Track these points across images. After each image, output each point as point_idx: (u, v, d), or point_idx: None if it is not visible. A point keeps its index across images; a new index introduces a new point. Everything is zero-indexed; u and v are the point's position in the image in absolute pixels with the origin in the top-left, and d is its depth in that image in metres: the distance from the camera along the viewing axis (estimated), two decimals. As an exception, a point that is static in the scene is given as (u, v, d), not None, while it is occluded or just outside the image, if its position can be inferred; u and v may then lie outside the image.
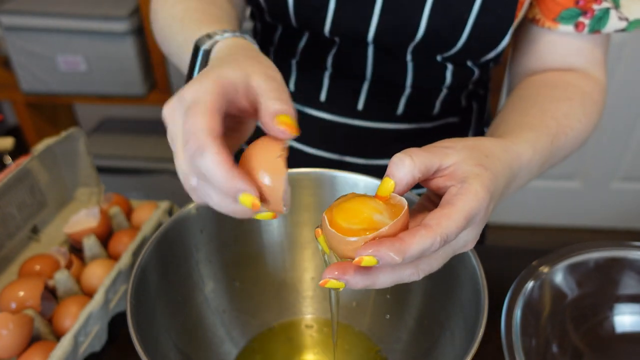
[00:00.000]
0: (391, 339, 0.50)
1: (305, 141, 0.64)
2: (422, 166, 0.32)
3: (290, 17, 0.55)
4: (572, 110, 0.48)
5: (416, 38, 0.53)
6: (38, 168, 0.61)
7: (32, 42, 1.35)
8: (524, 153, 0.40)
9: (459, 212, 0.31)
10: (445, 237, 0.30)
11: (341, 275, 0.30)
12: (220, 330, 0.50)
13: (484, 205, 0.32)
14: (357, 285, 0.31)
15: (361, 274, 0.30)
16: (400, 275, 0.31)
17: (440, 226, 0.30)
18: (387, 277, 0.31)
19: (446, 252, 0.33)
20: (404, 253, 0.29)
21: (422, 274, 0.32)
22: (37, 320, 0.48)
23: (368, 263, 0.29)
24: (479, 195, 0.32)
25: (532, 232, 1.89)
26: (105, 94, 1.44)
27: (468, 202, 0.31)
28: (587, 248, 0.47)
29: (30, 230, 0.61)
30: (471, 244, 0.34)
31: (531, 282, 0.44)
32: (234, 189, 0.29)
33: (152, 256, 0.43)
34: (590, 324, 0.48)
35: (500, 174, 0.35)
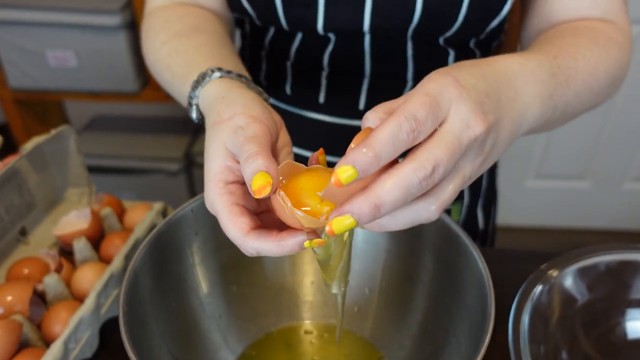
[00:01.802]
0: (394, 345, 0.50)
1: (306, 146, 0.64)
2: (385, 107, 0.32)
3: (280, 19, 0.55)
4: (579, 41, 0.46)
5: (414, 19, 0.52)
6: (27, 168, 0.61)
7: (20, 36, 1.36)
8: (503, 58, 0.37)
9: (414, 94, 0.29)
10: (408, 114, 0.28)
11: (340, 210, 0.29)
12: (216, 336, 0.50)
13: (447, 82, 0.30)
14: (362, 210, 0.28)
15: (358, 197, 0.29)
16: (401, 174, 0.28)
17: (399, 109, 0.29)
18: (388, 184, 0.28)
19: (447, 140, 0.29)
20: (372, 144, 0.28)
21: (430, 168, 0.28)
22: (26, 325, 0.48)
23: (348, 178, 0.28)
24: (432, 77, 0.31)
25: (541, 234, 1.89)
26: (97, 91, 1.44)
27: (423, 85, 0.30)
28: (598, 251, 0.47)
29: (18, 232, 0.61)
30: (477, 126, 0.30)
31: (540, 286, 0.44)
32: (294, 250, 0.33)
33: (145, 259, 0.43)
34: (601, 329, 0.48)
35: (468, 65, 0.33)
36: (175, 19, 0.54)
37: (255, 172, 0.32)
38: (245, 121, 0.36)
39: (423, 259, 0.49)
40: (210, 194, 0.35)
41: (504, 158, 1.76)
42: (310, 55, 0.59)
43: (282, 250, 0.33)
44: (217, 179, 0.35)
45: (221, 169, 0.35)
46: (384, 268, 0.52)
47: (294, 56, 0.60)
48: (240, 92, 0.39)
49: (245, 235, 0.33)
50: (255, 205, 0.36)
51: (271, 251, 0.33)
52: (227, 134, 0.36)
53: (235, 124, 0.36)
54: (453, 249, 0.45)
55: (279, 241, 0.32)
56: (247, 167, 0.32)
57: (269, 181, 0.31)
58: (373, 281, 0.53)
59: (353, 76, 0.60)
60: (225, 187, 0.35)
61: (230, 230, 0.33)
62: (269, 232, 0.33)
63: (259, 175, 0.31)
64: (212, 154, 0.36)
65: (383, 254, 0.51)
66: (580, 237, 1.87)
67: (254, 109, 0.37)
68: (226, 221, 0.33)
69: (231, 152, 0.35)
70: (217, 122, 0.37)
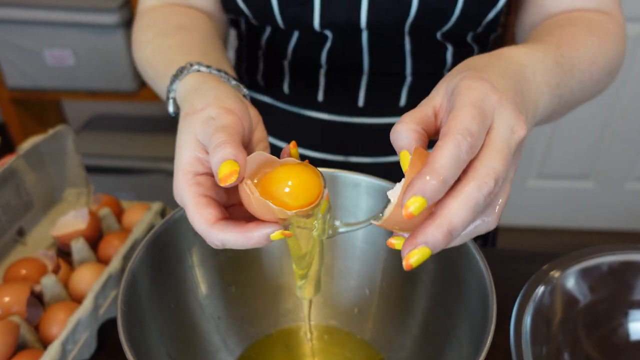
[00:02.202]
0: (394, 347, 0.50)
1: (306, 145, 0.64)
2: (415, 119, 0.32)
3: (276, 18, 0.55)
4: (577, 31, 0.47)
5: (410, 14, 0.53)
6: (24, 167, 0.61)
7: (17, 35, 1.36)
8: (510, 50, 0.38)
9: (461, 107, 0.30)
10: (464, 130, 0.28)
11: (415, 243, 0.29)
12: (215, 338, 0.50)
13: (486, 89, 0.31)
14: (436, 238, 0.28)
15: (430, 226, 0.28)
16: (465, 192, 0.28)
17: (452, 127, 0.28)
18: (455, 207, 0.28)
19: (499, 149, 0.30)
20: (437, 170, 0.27)
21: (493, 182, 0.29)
22: (23, 327, 0.48)
23: (418, 209, 0.27)
24: (471, 85, 0.31)
25: (543, 235, 1.89)
26: (95, 90, 1.44)
27: (465, 95, 0.30)
28: (601, 251, 0.47)
29: (15, 233, 0.61)
30: (521, 129, 0.31)
31: (542, 287, 0.44)
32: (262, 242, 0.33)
33: (143, 260, 0.43)
34: (604, 331, 0.48)
35: (489, 65, 0.34)
36: (162, 18, 0.54)
37: (222, 160, 0.32)
38: (217, 112, 0.36)
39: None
40: (179, 185, 0.35)
41: (505, 158, 1.76)
42: (308, 53, 0.59)
43: (248, 241, 0.32)
44: (186, 170, 0.35)
45: (191, 160, 0.35)
46: (384, 269, 0.52)
47: (291, 55, 0.60)
48: (214, 85, 0.39)
49: (210, 227, 0.33)
50: (225, 198, 0.36)
51: (237, 242, 0.33)
52: (198, 125, 0.36)
53: (206, 115, 0.36)
54: (454, 250, 0.45)
55: (244, 232, 0.32)
56: (214, 155, 0.32)
57: (236, 169, 0.31)
58: (373, 282, 0.52)
59: (351, 73, 0.60)
60: (194, 178, 0.34)
61: (196, 222, 0.33)
62: (235, 223, 0.33)
63: (226, 164, 0.32)
64: (182, 145, 0.36)
65: (383, 254, 0.51)
66: (582, 238, 1.87)
67: (227, 100, 0.37)
68: (193, 212, 0.33)
69: (202, 143, 0.35)
70: (190, 114, 0.37)
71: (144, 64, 0.53)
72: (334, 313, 0.54)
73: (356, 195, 0.49)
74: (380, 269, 0.52)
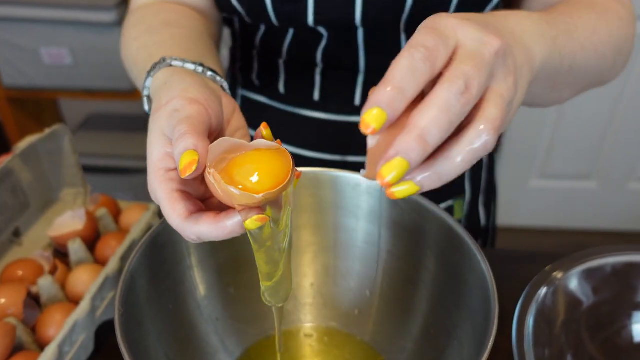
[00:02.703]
0: (395, 349, 0.50)
1: (303, 145, 0.64)
2: None
3: (270, 16, 0.55)
4: (572, 7, 0.46)
5: (405, 9, 0.53)
6: (20, 167, 0.61)
7: (14, 33, 1.35)
8: (512, 12, 0.37)
9: (416, 32, 0.29)
10: (416, 44, 0.28)
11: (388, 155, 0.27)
12: (213, 339, 0.50)
13: (442, 16, 0.30)
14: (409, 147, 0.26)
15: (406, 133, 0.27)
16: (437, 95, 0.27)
17: (407, 44, 0.28)
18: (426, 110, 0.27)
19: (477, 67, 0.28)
20: (390, 80, 0.27)
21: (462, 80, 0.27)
22: (20, 329, 0.47)
23: (376, 117, 0.27)
24: (425, 21, 0.30)
25: (545, 235, 1.89)
26: (92, 89, 1.44)
27: (420, 26, 0.30)
28: (604, 252, 0.47)
29: (11, 234, 0.61)
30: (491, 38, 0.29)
31: (544, 288, 0.44)
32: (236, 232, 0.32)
33: (141, 261, 0.43)
34: (607, 333, 0.48)
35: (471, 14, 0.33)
36: (151, 15, 0.54)
37: (183, 151, 0.32)
38: (181, 104, 0.35)
39: (425, 260, 0.49)
40: (152, 182, 0.34)
41: (507, 156, 1.76)
42: (303, 51, 0.59)
43: (221, 232, 0.32)
44: (157, 167, 0.34)
45: (161, 156, 0.35)
46: (384, 269, 0.52)
47: (286, 54, 0.60)
48: (182, 77, 0.39)
49: (183, 221, 0.32)
50: (203, 190, 0.36)
51: (211, 234, 0.32)
52: (163, 119, 0.35)
53: (171, 108, 0.35)
54: (455, 250, 0.45)
55: (217, 223, 0.32)
56: (176, 147, 0.32)
57: (195, 159, 0.31)
58: (374, 283, 0.52)
59: (348, 71, 0.60)
60: (166, 174, 0.34)
61: (170, 217, 0.33)
62: (207, 215, 0.33)
63: (186, 154, 0.31)
64: (151, 142, 0.36)
65: (384, 255, 0.51)
66: (584, 238, 1.87)
67: (192, 91, 0.37)
68: (167, 208, 0.33)
69: (169, 138, 0.35)
70: (156, 109, 0.37)
71: (129, 62, 0.52)
72: (334, 314, 0.54)
73: (356, 195, 0.49)
74: (381, 269, 0.52)
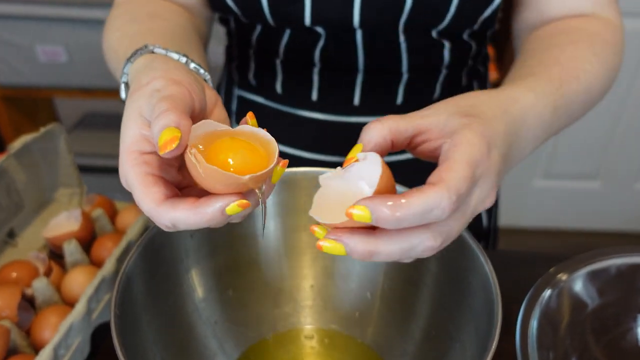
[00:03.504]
0: (396, 352, 0.50)
1: (300, 146, 0.64)
2: (392, 127, 0.33)
3: (265, 15, 0.55)
4: (578, 52, 0.48)
5: (404, 12, 0.53)
6: (15, 167, 0.61)
7: (8, 30, 1.35)
8: (521, 96, 0.39)
9: (458, 163, 0.30)
10: (455, 189, 0.29)
11: (340, 237, 0.30)
12: (211, 343, 0.50)
13: (484, 152, 0.32)
14: (356, 249, 0.30)
15: (362, 237, 0.30)
16: (409, 240, 0.30)
17: (445, 180, 0.29)
18: (392, 243, 0.30)
19: (464, 212, 0.32)
20: (401, 208, 0.28)
21: (440, 240, 0.30)
22: (14, 331, 0.48)
23: (361, 218, 0.28)
24: (472, 141, 0.32)
25: (550, 236, 1.89)
26: (88, 87, 1.44)
27: (465, 151, 0.31)
28: (609, 254, 0.47)
29: (6, 235, 0.61)
30: (489, 200, 0.33)
31: (548, 290, 0.44)
32: (218, 220, 0.30)
33: (138, 263, 0.43)
34: (613, 335, 0.48)
35: (493, 119, 0.35)
36: (136, 7, 0.53)
37: (163, 128, 0.30)
38: (162, 84, 0.34)
39: (426, 262, 0.49)
40: (124, 165, 0.32)
41: (511, 157, 1.76)
42: (301, 51, 0.59)
43: (201, 218, 0.30)
44: (131, 149, 0.32)
45: (136, 138, 0.33)
46: (386, 271, 0.52)
47: (284, 53, 0.60)
48: (165, 60, 0.38)
49: (158, 206, 0.30)
50: (179, 178, 0.35)
51: (188, 220, 0.30)
52: (143, 99, 0.34)
53: (152, 88, 0.34)
54: (458, 251, 0.45)
55: (196, 208, 0.30)
56: (155, 124, 0.31)
57: (177, 135, 0.30)
58: (375, 285, 0.52)
59: (346, 71, 0.60)
60: (140, 157, 0.32)
61: (143, 202, 0.31)
62: (185, 200, 0.31)
63: (167, 130, 0.30)
64: (126, 123, 0.34)
65: (385, 256, 0.51)
66: (590, 239, 1.87)
67: (176, 73, 0.35)
68: (139, 192, 0.31)
69: (147, 120, 0.33)
70: (135, 90, 0.35)
71: (109, 52, 0.51)
72: (335, 317, 0.54)
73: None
74: (382, 271, 0.52)
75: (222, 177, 0.30)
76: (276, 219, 0.52)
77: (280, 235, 0.53)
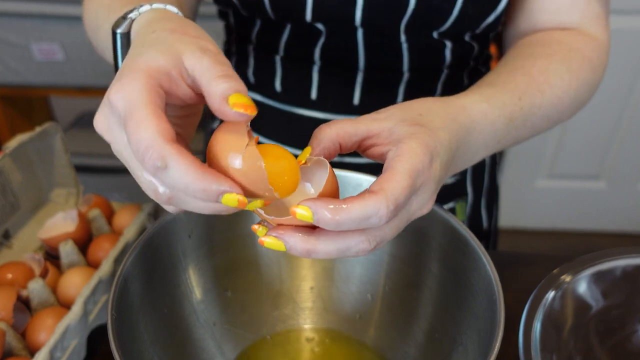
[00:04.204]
0: (398, 354, 0.50)
1: (298, 145, 0.64)
2: (340, 131, 0.35)
3: (266, 9, 0.55)
4: (551, 66, 0.49)
5: (407, 13, 0.53)
6: (10, 167, 0.61)
7: (4, 28, 1.35)
8: (472, 105, 0.41)
9: (400, 173, 0.32)
10: (393, 199, 0.31)
11: (281, 235, 0.31)
12: (210, 345, 0.50)
13: (425, 162, 0.33)
14: (296, 247, 0.31)
15: (301, 236, 0.31)
16: (346, 242, 0.32)
17: (384, 190, 0.31)
18: (330, 243, 0.31)
19: (401, 219, 0.33)
20: (341, 213, 0.30)
21: (374, 244, 0.32)
22: (9, 334, 0.47)
23: (303, 217, 0.30)
24: (416, 152, 0.33)
25: (553, 237, 1.90)
26: (85, 86, 1.44)
27: (407, 161, 0.32)
28: (614, 255, 0.47)
29: (1, 236, 0.61)
30: (427, 206, 0.35)
31: (552, 292, 0.44)
32: (213, 193, 0.28)
33: (135, 264, 0.43)
34: (617, 338, 0.48)
35: (439, 129, 0.36)
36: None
37: (235, 90, 0.29)
38: (215, 49, 0.32)
39: (428, 263, 0.49)
40: (135, 83, 0.29)
41: (513, 157, 1.76)
42: (301, 48, 0.59)
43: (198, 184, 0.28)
44: (152, 74, 0.30)
45: (163, 69, 0.30)
46: (387, 272, 0.52)
47: (284, 50, 0.60)
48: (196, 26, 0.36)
49: (166, 141, 0.28)
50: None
51: (184, 178, 0.28)
52: (191, 47, 0.31)
53: (203, 44, 0.32)
54: (460, 252, 0.45)
55: (201, 169, 0.28)
56: (223, 81, 0.29)
57: (252, 104, 0.29)
58: (376, 286, 0.52)
59: (346, 70, 0.60)
60: (159, 89, 0.30)
61: (145, 128, 0.28)
62: (196, 158, 0.29)
63: (240, 95, 0.29)
64: (160, 50, 0.31)
65: (386, 257, 0.51)
66: (594, 240, 1.87)
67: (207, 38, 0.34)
68: (143, 116, 0.28)
69: (185, 66, 0.31)
70: (179, 32, 0.33)
71: (96, 8, 0.47)
72: (335, 319, 0.54)
73: (358, 195, 0.49)
74: (383, 272, 0.52)
75: (264, 185, 0.30)
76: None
77: (279, 236, 0.53)
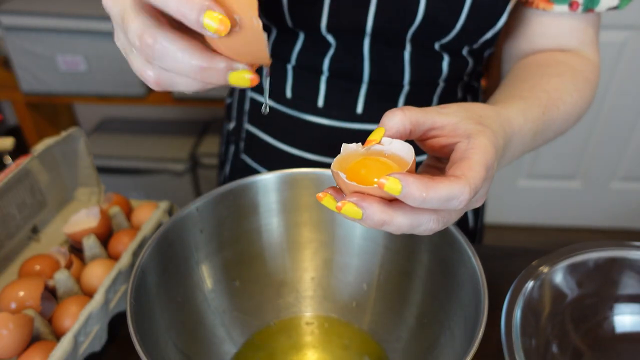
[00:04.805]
0: (392, 338, 0.50)
1: (306, 148, 0.64)
2: (412, 118, 0.33)
3: (285, 15, 0.55)
4: (563, 85, 0.49)
5: (415, 22, 0.53)
6: (38, 168, 0.61)
7: (32, 42, 1.36)
8: (514, 118, 0.40)
9: (478, 164, 0.31)
10: (474, 187, 0.30)
11: (360, 202, 0.29)
12: (220, 330, 0.50)
13: (494, 159, 0.32)
14: (373, 217, 0.29)
15: (380, 206, 0.29)
16: (419, 218, 0.30)
17: (467, 176, 0.30)
18: (405, 217, 0.30)
19: (466, 206, 0.32)
20: (429, 190, 0.28)
21: (442, 224, 0.31)
22: (37, 320, 0.48)
23: (391, 190, 0.28)
24: (488, 148, 0.32)
25: (532, 233, 1.89)
26: (105, 94, 1.44)
27: (483, 154, 0.31)
28: (587, 248, 0.47)
29: (30, 231, 0.61)
30: (481, 199, 0.34)
31: (531, 282, 0.44)
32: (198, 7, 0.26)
33: (152, 256, 0.43)
34: (591, 324, 0.48)
35: (498, 133, 0.36)
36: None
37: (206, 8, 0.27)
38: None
39: (419, 255, 0.49)
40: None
41: (496, 159, 1.76)
42: (311, 59, 0.59)
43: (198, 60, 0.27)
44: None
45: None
46: (381, 263, 0.52)
47: (296, 59, 0.60)
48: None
49: (158, 26, 0.27)
50: None
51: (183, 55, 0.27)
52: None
53: None
54: (448, 246, 0.45)
55: (211, 54, 0.26)
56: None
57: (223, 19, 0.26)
58: (371, 276, 0.53)
59: (352, 82, 0.60)
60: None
61: (139, 19, 0.27)
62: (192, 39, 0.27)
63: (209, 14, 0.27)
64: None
65: (381, 250, 0.51)
66: (570, 235, 1.87)
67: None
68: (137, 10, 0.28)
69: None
70: None
71: None
72: (334, 306, 0.54)
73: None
74: (378, 263, 0.52)
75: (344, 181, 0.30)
76: (279, 215, 0.52)
77: (283, 230, 0.53)
